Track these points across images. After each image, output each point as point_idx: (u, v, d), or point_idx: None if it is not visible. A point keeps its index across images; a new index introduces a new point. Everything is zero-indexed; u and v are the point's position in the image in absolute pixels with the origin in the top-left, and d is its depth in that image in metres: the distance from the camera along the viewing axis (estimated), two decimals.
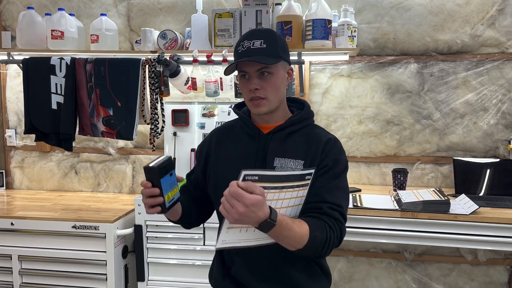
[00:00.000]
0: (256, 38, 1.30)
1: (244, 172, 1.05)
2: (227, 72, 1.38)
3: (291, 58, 2.45)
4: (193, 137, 2.77)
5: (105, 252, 2.42)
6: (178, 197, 1.25)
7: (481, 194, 2.58)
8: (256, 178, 1.06)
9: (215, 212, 1.56)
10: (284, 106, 1.40)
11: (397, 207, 2.25)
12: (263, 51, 1.28)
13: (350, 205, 2.27)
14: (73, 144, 2.57)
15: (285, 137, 1.36)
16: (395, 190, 2.57)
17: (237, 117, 1.47)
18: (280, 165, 1.31)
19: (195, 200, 1.47)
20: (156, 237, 2.46)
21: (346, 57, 2.69)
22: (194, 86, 2.56)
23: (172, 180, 1.21)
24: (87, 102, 2.50)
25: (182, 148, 2.78)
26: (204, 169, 1.45)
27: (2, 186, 3.18)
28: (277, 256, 1.32)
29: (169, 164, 1.19)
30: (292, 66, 2.59)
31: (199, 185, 1.47)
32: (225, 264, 1.41)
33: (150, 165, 1.16)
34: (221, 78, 2.52)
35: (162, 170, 1.16)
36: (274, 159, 1.32)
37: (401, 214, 2.21)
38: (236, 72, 1.39)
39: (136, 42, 2.83)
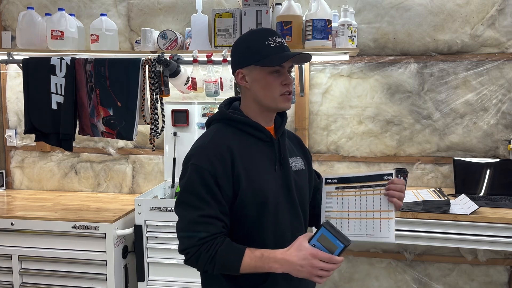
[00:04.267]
0: (279, 36, 1.35)
1: (325, 177, 1.43)
2: (282, 62, 1.29)
3: None
4: (193, 137, 2.77)
5: (105, 252, 2.42)
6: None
7: (481, 194, 2.57)
8: (336, 181, 1.39)
9: None
10: None
11: None
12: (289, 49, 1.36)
13: None
14: (73, 144, 2.57)
15: (285, 138, 1.44)
16: None
17: (213, 125, 1.41)
18: (294, 165, 1.41)
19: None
20: (156, 237, 2.46)
21: (346, 57, 2.69)
22: (194, 86, 2.56)
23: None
24: (87, 102, 2.50)
25: (182, 148, 2.79)
26: (233, 187, 1.27)
27: (2, 186, 3.18)
28: None
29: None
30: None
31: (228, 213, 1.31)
32: (249, 283, 1.30)
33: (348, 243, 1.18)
34: (221, 78, 2.52)
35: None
36: (288, 160, 1.39)
37: (401, 214, 2.21)
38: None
39: (136, 42, 2.83)
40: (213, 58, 2.47)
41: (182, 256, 1.28)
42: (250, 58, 1.31)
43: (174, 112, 2.80)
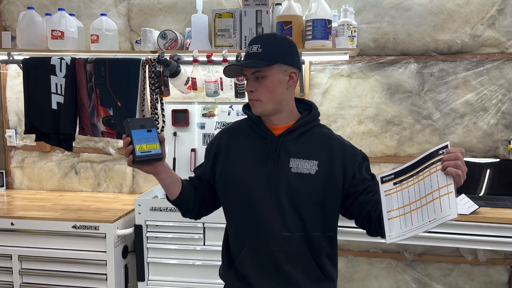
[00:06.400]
0: (255, 43, 1.37)
1: (380, 176, 1.29)
2: (228, 75, 1.46)
3: None
4: (193, 137, 2.77)
5: (105, 252, 2.42)
6: (156, 153, 1.30)
7: (481, 194, 2.58)
8: (392, 176, 1.27)
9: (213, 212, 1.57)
10: (290, 107, 1.44)
11: None
12: (257, 55, 1.35)
13: None
14: (73, 144, 2.58)
15: (296, 139, 1.40)
16: None
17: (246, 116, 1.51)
18: (295, 166, 1.37)
19: (199, 192, 1.50)
20: (156, 237, 2.46)
21: (346, 57, 2.69)
22: (194, 86, 2.56)
23: (150, 136, 1.30)
24: (87, 102, 2.50)
25: (182, 148, 2.78)
26: (212, 167, 1.49)
27: (2, 186, 3.18)
28: (280, 255, 1.36)
29: (146, 121, 1.31)
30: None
31: (204, 180, 1.51)
32: (230, 258, 1.47)
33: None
34: (221, 78, 2.52)
35: (135, 123, 1.29)
36: (289, 160, 1.37)
37: None
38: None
39: (136, 42, 2.83)
40: (213, 58, 2.47)
41: (182, 256, 1.35)
42: None
43: (174, 112, 2.80)
